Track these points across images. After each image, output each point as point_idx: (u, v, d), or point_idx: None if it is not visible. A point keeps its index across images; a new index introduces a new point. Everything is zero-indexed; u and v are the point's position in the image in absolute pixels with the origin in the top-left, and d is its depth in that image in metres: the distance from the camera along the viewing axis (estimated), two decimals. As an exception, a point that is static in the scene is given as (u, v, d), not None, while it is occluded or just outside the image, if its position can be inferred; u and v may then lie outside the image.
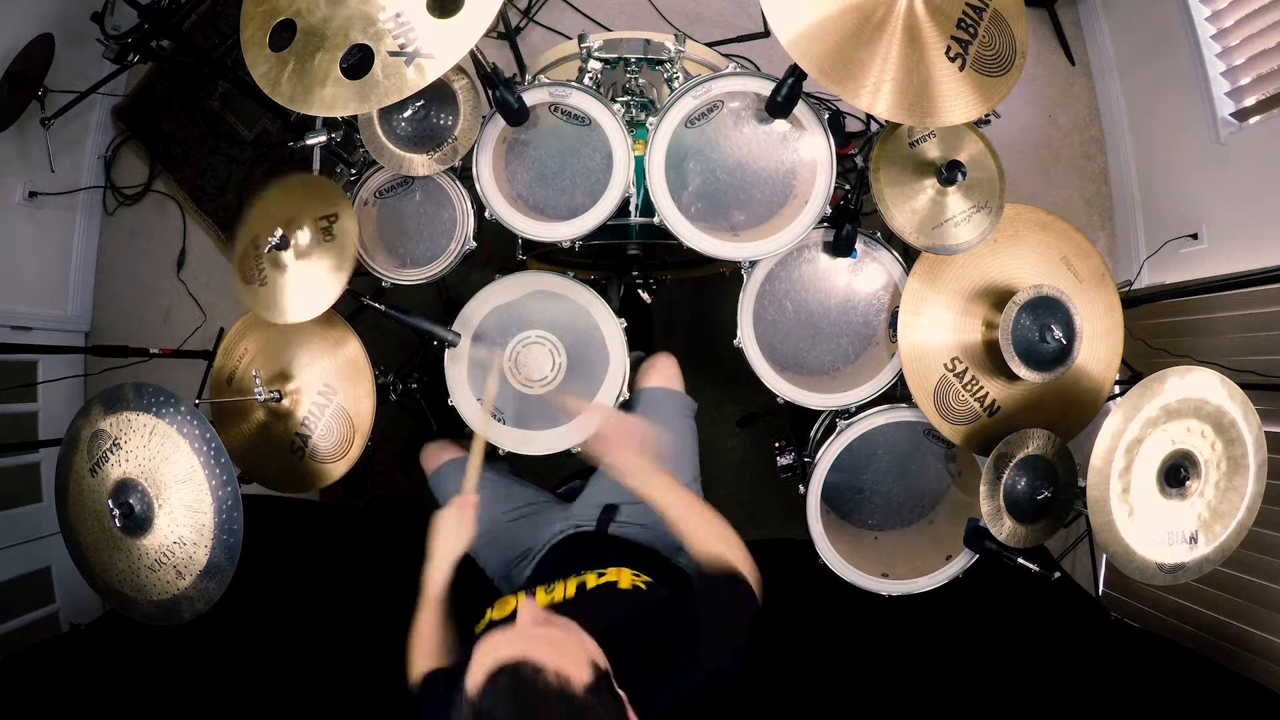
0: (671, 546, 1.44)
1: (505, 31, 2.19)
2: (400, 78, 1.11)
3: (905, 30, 1.16)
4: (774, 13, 1.16)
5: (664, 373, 1.60)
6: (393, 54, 1.11)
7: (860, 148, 1.51)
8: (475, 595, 1.26)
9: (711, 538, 1.06)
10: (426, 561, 1.23)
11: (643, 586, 1.13)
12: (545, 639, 0.82)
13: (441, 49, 1.11)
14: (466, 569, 1.52)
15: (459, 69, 1.39)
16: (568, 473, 1.82)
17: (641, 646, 0.90)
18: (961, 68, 1.18)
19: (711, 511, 1.11)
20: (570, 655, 0.80)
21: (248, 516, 1.32)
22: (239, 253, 1.47)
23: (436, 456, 1.64)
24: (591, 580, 1.13)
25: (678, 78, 1.52)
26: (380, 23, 1.12)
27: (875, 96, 1.15)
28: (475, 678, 0.77)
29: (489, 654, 0.79)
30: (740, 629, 0.95)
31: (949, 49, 1.18)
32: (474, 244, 1.54)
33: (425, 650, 1.16)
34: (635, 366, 1.59)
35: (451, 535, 1.23)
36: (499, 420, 1.54)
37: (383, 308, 1.51)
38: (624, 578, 1.14)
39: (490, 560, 1.47)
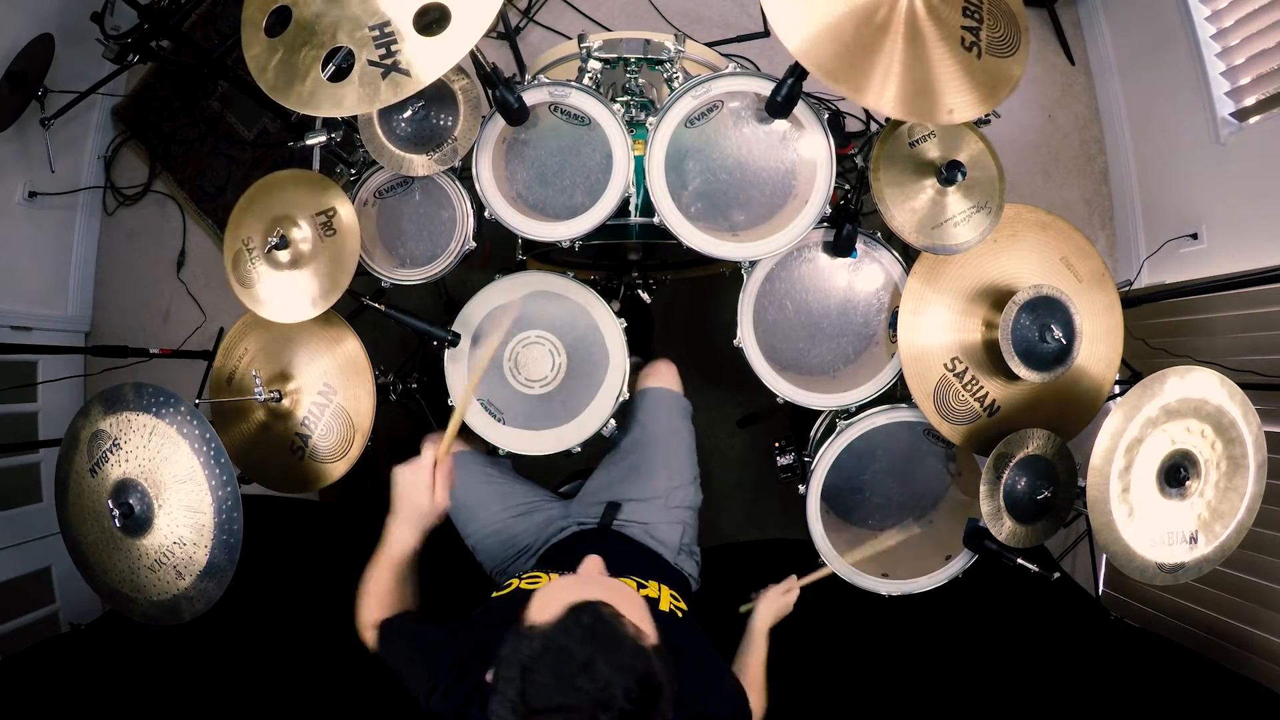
0: (674, 548, 1.44)
1: (505, 31, 2.19)
2: (374, 88, 1.10)
3: (908, 26, 1.16)
4: (774, 12, 1.16)
5: (663, 376, 1.63)
6: (371, 63, 1.11)
7: (860, 148, 1.51)
8: (473, 590, 1.26)
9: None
10: (390, 515, 1.19)
11: (679, 615, 1.13)
12: (621, 592, 0.82)
13: (421, 65, 1.09)
14: (466, 566, 1.53)
15: (459, 69, 1.38)
16: (568, 473, 1.82)
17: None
18: (979, 55, 1.17)
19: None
20: (642, 613, 0.81)
21: (248, 516, 1.32)
22: (231, 254, 1.47)
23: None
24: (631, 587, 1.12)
25: (677, 78, 1.52)
26: (366, 29, 1.12)
27: (881, 94, 1.14)
28: (548, 610, 0.76)
29: (563, 592, 0.79)
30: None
31: (963, 39, 1.17)
32: (474, 244, 1.54)
33: (380, 604, 1.18)
34: (634, 370, 1.59)
35: (416, 495, 1.16)
36: (498, 420, 1.54)
37: (382, 308, 1.51)
38: (664, 598, 1.14)
39: (490, 556, 1.48)
